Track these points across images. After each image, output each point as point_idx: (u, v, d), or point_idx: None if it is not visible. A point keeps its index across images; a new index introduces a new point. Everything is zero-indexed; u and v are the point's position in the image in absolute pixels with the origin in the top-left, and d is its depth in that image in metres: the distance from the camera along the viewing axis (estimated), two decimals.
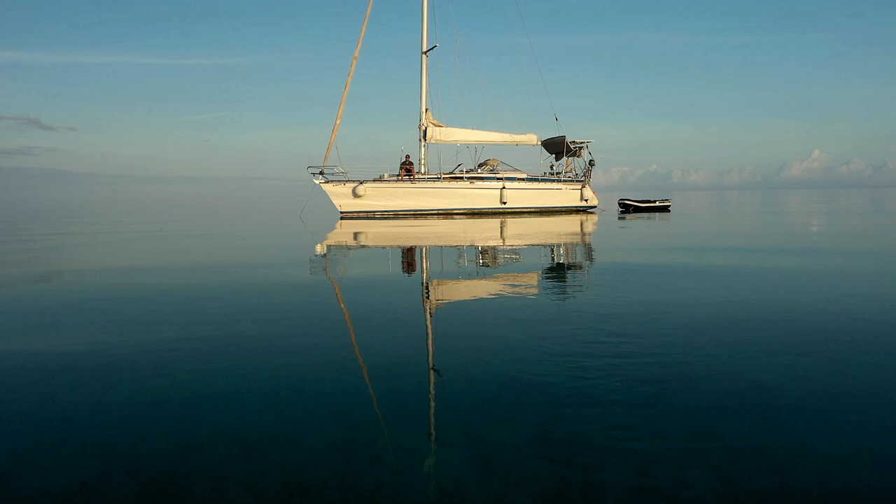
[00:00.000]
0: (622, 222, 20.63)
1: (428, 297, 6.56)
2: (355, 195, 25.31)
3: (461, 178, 26.42)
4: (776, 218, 23.07)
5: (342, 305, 6.25)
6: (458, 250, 11.50)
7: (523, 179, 27.15)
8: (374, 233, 16.43)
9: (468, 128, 27.29)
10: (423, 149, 27.10)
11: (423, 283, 7.70)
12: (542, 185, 27.49)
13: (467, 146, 27.43)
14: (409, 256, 10.91)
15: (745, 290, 6.62)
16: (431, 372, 3.84)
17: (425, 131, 26.75)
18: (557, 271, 8.79)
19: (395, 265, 9.84)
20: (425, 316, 5.62)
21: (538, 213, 26.54)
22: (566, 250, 11.55)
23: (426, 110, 26.80)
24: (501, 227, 17.87)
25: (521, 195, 26.90)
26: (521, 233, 15.77)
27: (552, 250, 11.53)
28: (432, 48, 26.45)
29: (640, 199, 30.24)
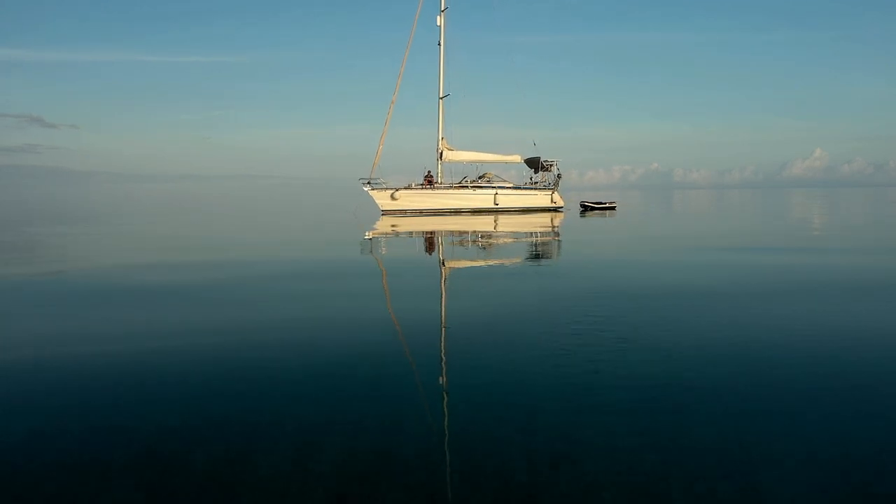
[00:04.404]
0: (579, 218, 31.62)
1: (444, 263, 17.41)
2: (392, 198, 36.20)
3: (466, 186, 37.45)
4: (705, 220, 34.10)
5: (376, 264, 17.21)
6: (465, 235, 22.45)
7: (510, 187, 38.22)
8: (408, 224, 27.33)
9: (472, 150, 38.41)
10: (439, 166, 38.14)
11: (440, 253, 18.57)
12: (523, 191, 38.58)
13: (471, 164, 38.56)
14: (431, 236, 21.78)
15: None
16: (444, 325, 14.63)
17: (441, 153, 37.79)
18: (534, 246, 19.72)
19: (422, 243, 20.69)
20: (440, 270, 16.55)
21: (521, 211, 37.50)
22: (541, 235, 22.50)
23: (442, 138, 37.81)
24: (495, 221, 28.80)
25: (509, 199, 37.95)
26: (511, 224, 26.75)
27: (532, 235, 22.49)
28: (446, 95, 37.48)
29: (595, 200, 41.50)
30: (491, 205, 37.40)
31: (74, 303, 8.99)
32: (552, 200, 38.83)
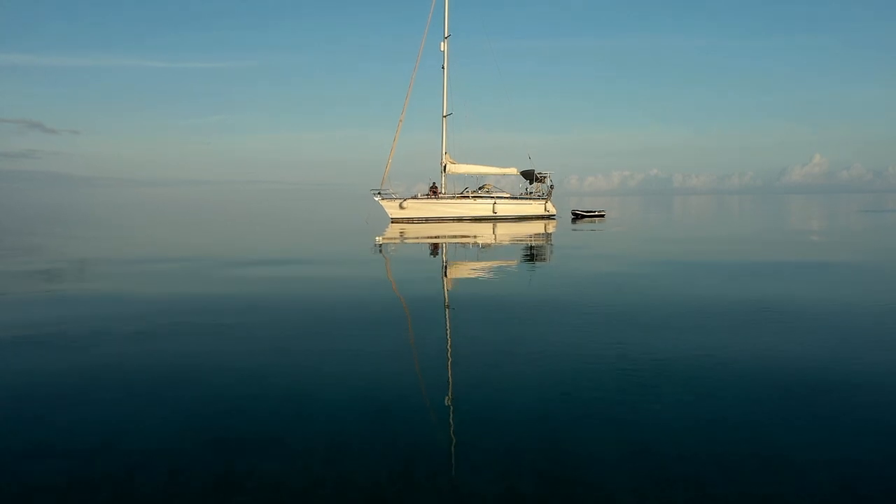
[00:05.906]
0: (570, 226, 35.33)
1: (446, 267, 21.09)
2: (401, 207, 39.99)
3: (468, 196, 41.27)
4: (688, 227, 37.76)
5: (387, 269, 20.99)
6: (467, 240, 26.20)
7: (507, 197, 42.09)
8: (415, 230, 31.04)
9: (473, 164, 42.28)
10: (443, 177, 42.02)
11: (443, 255, 22.28)
12: (519, 201, 42.45)
13: (472, 176, 42.48)
14: (436, 242, 25.48)
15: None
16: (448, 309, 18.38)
17: (445, 167, 41.65)
18: (531, 250, 23.42)
19: (427, 247, 24.37)
20: (442, 267, 20.30)
21: (517, 219, 41.29)
22: (535, 240, 26.21)
23: (445, 153, 41.69)
24: (494, 228, 32.52)
25: (506, 207, 41.76)
26: (508, 232, 30.50)
27: (528, 240, 26.22)
28: (449, 114, 41.38)
29: (585, 209, 45.44)
30: (490, 213, 41.22)
31: (112, 314, 9.14)
32: (546, 209, 42.74)
